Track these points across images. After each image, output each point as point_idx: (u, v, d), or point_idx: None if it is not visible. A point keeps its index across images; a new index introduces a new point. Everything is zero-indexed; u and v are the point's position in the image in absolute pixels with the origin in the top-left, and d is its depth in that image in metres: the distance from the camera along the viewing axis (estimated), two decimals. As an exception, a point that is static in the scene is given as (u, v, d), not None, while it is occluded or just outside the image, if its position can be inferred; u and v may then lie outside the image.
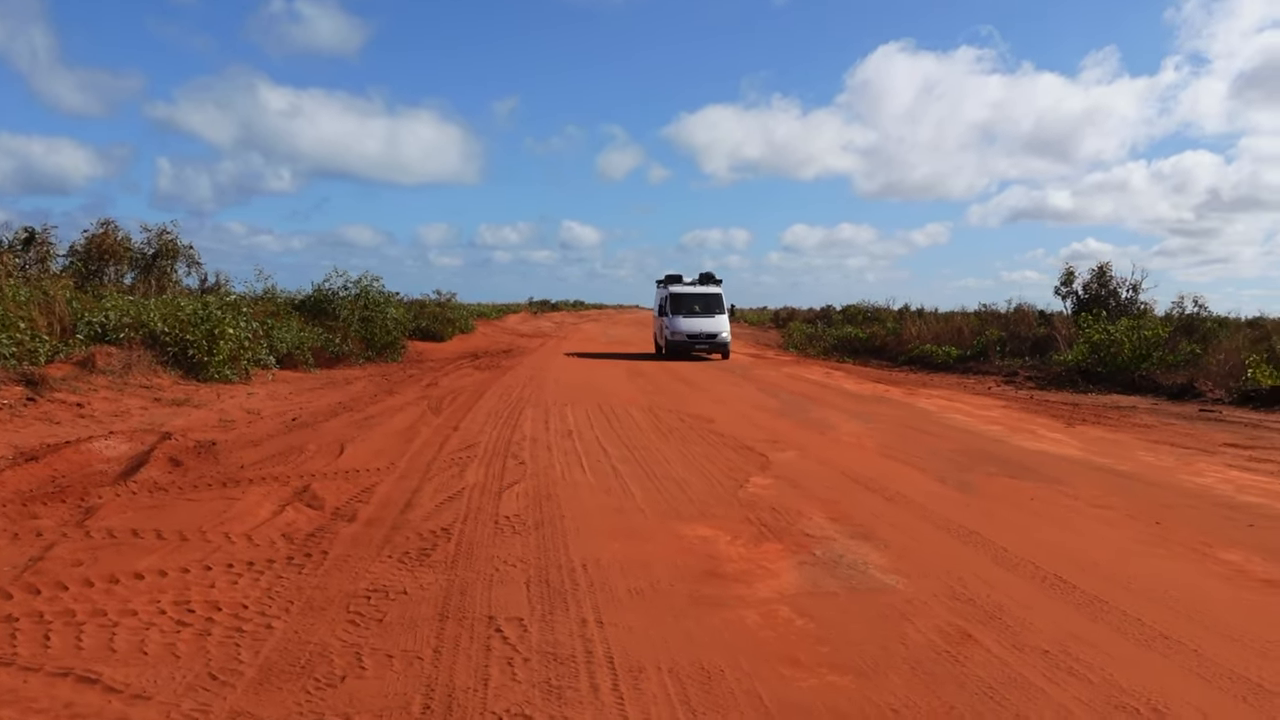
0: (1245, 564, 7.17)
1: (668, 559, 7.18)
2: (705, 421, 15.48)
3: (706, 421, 15.48)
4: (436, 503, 8.88)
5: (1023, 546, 7.64)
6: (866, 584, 6.63)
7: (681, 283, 34.50)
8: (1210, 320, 28.20)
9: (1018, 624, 5.83)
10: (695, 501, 9.28)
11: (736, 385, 22.68)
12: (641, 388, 21.67)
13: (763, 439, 13.51)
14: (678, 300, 33.41)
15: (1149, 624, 5.83)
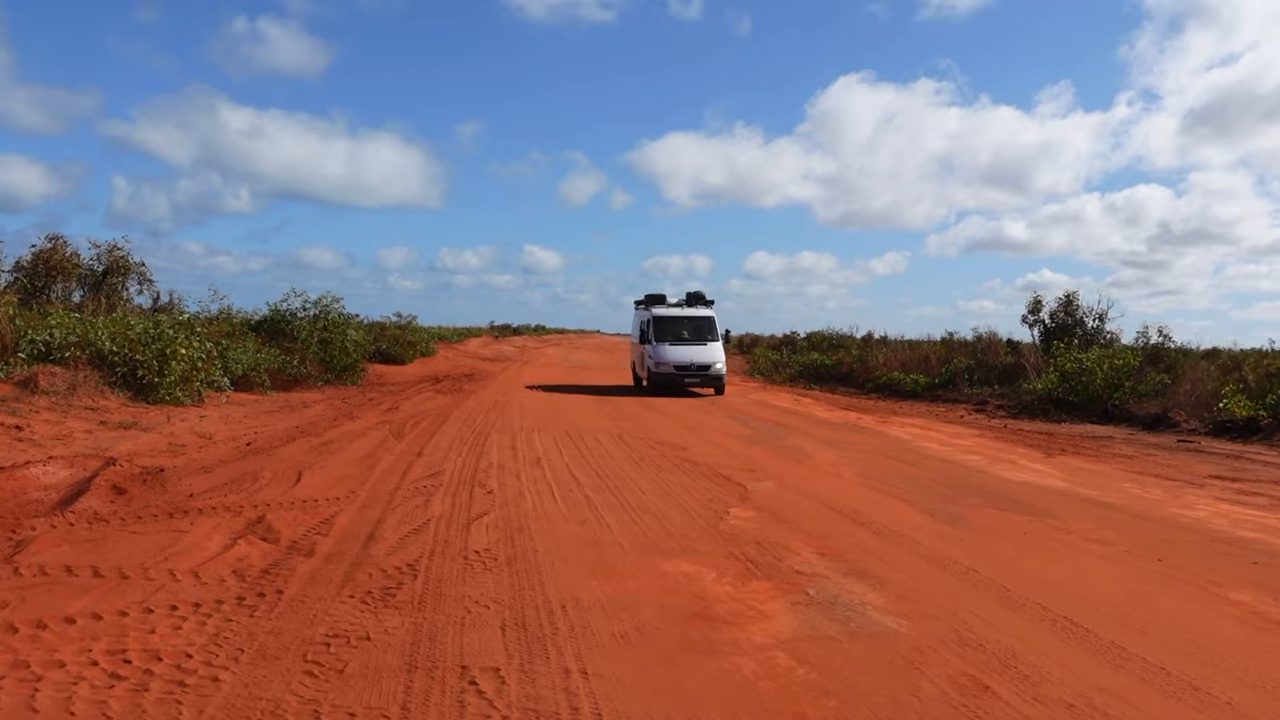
0: (1258, 605, 6.80)
1: (652, 599, 6.68)
2: (677, 449, 15.01)
3: (679, 449, 15.02)
4: (401, 535, 8.32)
5: (1025, 585, 7.22)
6: (867, 627, 6.17)
7: (666, 304, 29.66)
8: (1175, 350, 28.24)
9: (1035, 673, 5.39)
10: (675, 535, 8.79)
11: (706, 412, 22.25)
12: (609, 413, 21.18)
13: (738, 467, 13.06)
14: (663, 325, 28.15)
15: (1174, 673, 5.42)
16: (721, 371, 27.50)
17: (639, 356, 29.94)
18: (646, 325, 28.58)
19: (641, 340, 29.02)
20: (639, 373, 30.02)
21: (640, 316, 30.25)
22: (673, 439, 16.32)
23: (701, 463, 13.47)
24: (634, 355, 31.61)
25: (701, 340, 28.05)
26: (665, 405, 23.78)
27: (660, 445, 15.43)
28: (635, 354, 31.19)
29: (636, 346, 30.63)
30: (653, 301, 29.81)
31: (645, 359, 28.45)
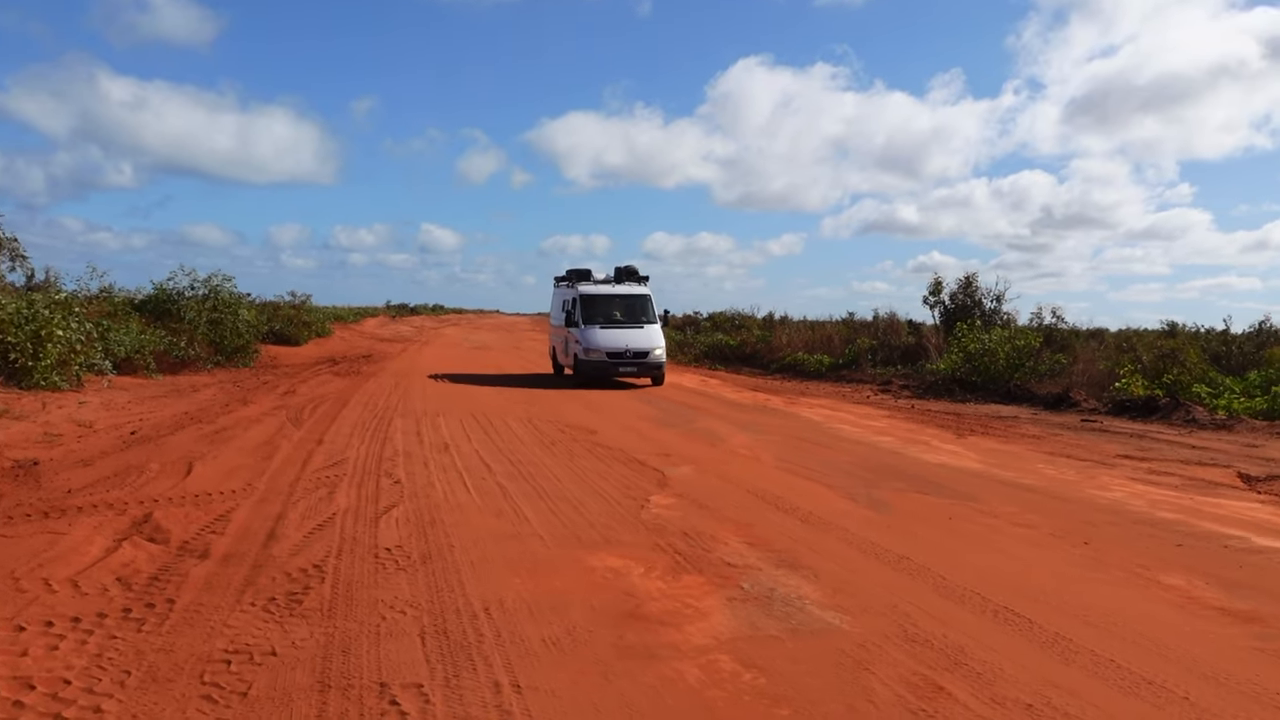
0: (1191, 590, 6.74)
1: (581, 598, 6.28)
2: (587, 432, 14.61)
3: (589, 432, 14.62)
4: (305, 532, 7.74)
5: (960, 574, 7.04)
6: (809, 624, 5.88)
7: (593, 280, 25.37)
8: (1067, 331, 28.93)
9: (987, 671, 5.17)
10: (596, 525, 8.41)
11: (613, 394, 21.88)
12: (515, 395, 20.64)
13: (653, 452, 12.73)
14: (591, 305, 24.07)
15: (1124, 666, 5.26)
16: (661, 359, 23.43)
17: (561, 341, 25.70)
18: (571, 305, 24.29)
19: (566, 323, 24.40)
20: (560, 360, 26.00)
21: (562, 295, 26.01)
22: (582, 422, 15.91)
23: (614, 447, 13.10)
24: (554, 340, 27.31)
25: (637, 323, 23.91)
26: (571, 386, 23.33)
27: (570, 428, 15.02)
28: (556, 339, 26.81)
29: (558, 330, 26.19)
30: (578, 277, 25.53)
31: (569, 345, 24.34)
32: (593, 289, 24.62)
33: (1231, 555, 7.66)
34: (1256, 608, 6.33)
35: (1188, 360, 19.18)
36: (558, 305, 26.46)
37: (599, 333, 23.39)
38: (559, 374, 26.51)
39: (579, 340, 23.48)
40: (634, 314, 24.28)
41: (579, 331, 23.61)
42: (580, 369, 23.38)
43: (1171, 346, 20.29)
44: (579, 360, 23.42)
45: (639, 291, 24.94)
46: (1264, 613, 6.22)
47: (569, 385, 23.41)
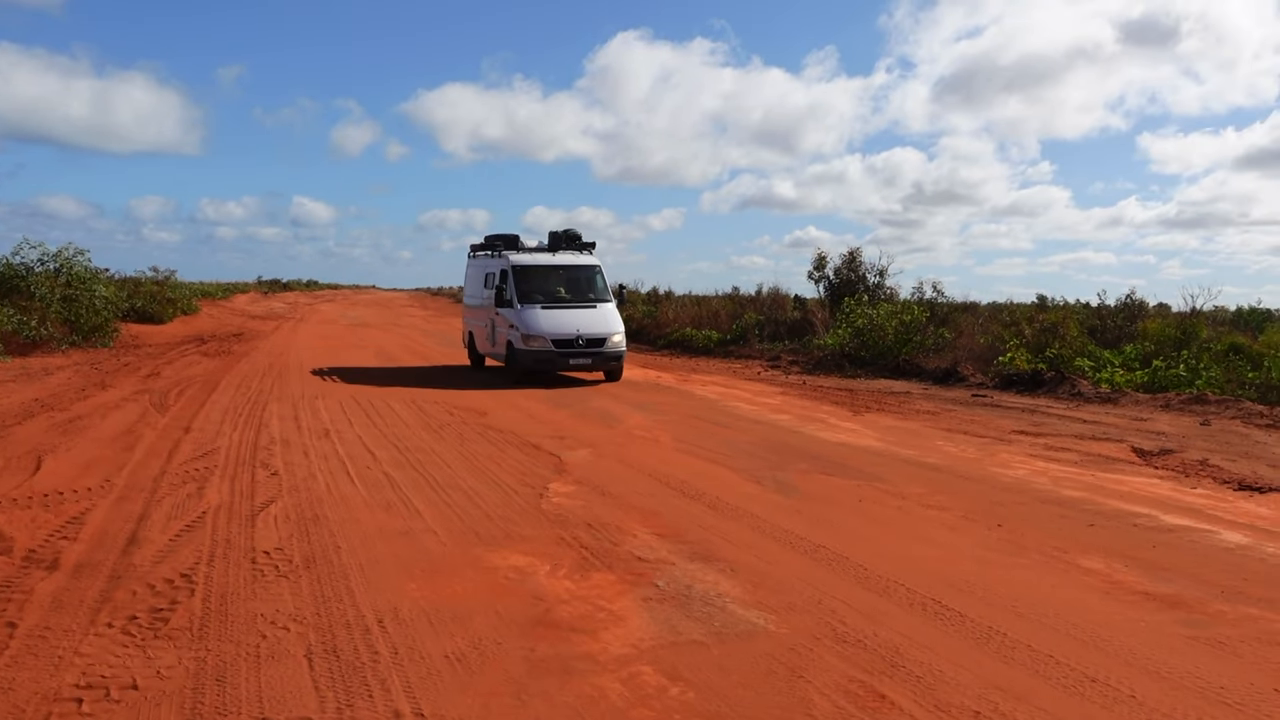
0: (1112, 573, 6.60)
1: (485, 603, 5.76)
2: (477, 414, 13.99)
3: (478, 414, 14.00)
4: (171, 535, 7.00)
5: (881, 563, 6.76)
6: (733, 626, 5.49)
7: (524, 249, 20.17)
8: (947, 305, 29.43)
9: (927, 673, 4.86)
10: (495, 518, 7.87)
11: (497, 371, 21.20)
12: (397, 374, 19.80)
13: (547, 435, 12.21)
14: (528, 279, 19.10)
15: (1064, 662, 5.01)
16: (621, 348, 18.70)
17: (483, 325, 20.57)
18: (500, 280, 19.27)
19: (497, 303, 19.03)
20: (483, 348, 20.93)
21: (483, 267, 21.18)
22: (470, 403, 15.26)
23: (506, 430, 12.54)
24: (471, 323, 22.16)
25: (586, 301, 19.11)
26: (446, 359, 22.51)
27: (458, 410, 14.37)
28: (475, 322, 21.65)
29: (478, 311, 21.19)
30: (506, 244, 20.35)
31: (497, 329, 19.46)
32: (528, 259, 19.54)
33: (1143, 534, 7.59)
34: (1179, 592, 6.21)
35: (1068, 334, 19.60)
36: (476, 279, 21.63)
37: (541, 314, 18.21)
38: (478, 366, 21.38)
39: (515, 324, 18.34)
40: (581, 290, 19.41)
41: (514, 313, 18.45)
42: (517, 360, 18.29)
43: (1053, 320, 20.72)
44: (515, 350, 18.32)
45: (586, 261, 20.03)
46: (1187, 597, 6.10)
47: (498, 383, 18.49)
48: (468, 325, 22.65)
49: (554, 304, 18.64)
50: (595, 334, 18.23)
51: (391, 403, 15.04)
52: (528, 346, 18.05)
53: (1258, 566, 6.75)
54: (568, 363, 18.10)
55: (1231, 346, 21.70)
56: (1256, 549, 7.16)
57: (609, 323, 18.66)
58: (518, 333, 18.22)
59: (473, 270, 22.33)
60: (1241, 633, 5.47)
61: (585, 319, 18.45)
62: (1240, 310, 38.92)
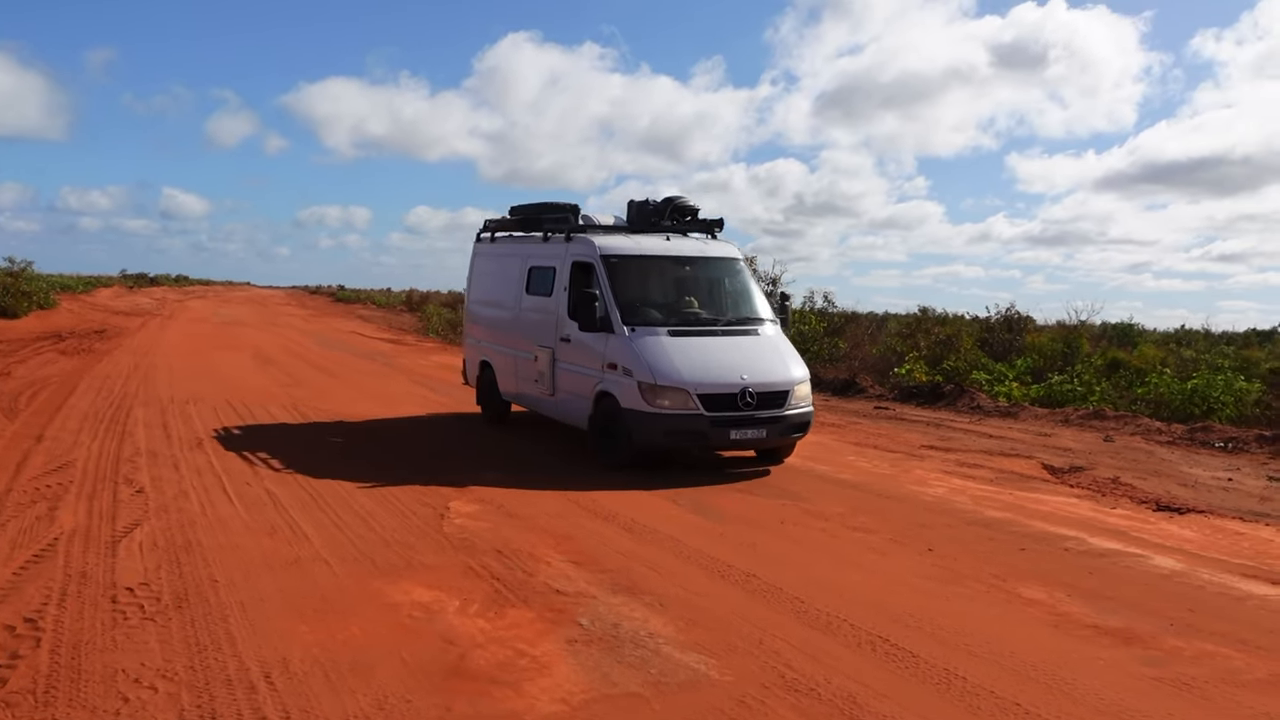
0: (1056, 604, 6.27)
1: (388, 649, 5.06)
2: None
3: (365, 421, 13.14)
4: (14, 568, 6.07)
5: (817, 594, 6.29)
6: (672, 674, 4.92)
7: (602, 229, 12.02)
8: (840, 315, 29.56)
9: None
10: (392, 543, 7.15)
11: (386, 375, 20.22)
12: (274, 377, 18.62)
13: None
14: (631, 279, 10.98)
15: (1034, 712, 4.60)
16: (809, 409, 10.69)
17: (528, 355, 12.03)
18: (575, 281, 11.15)
19: (582, 325, 10.68)
20: (519, 391, 12.60)
21: (518, 258, 12.80)
22: (358, 410, 14.35)
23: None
24: (491, 348, 13.38)
25: (739, 323, 11.04)
26: (335, 367, 21.34)
27: (345, 417, 13.46)
28: (502, 348, 12.97)
29: (510, 332, 12.76)
30: (547, 216, 12.20)
31: (563, 368, 11.28)
32: (627, 245, 11.26)
33: (1076, 560, 7.32)
34: (1129, 625, 5.90)
35: (963, 347, 19.73)
36: (501, 277, 13.19)
37: (672, 348, 10.18)
38: (497, 416, 13.37)
39: (619, 363, 10.24)
40: (722, 303, 11.33)
41: (619, 344, 10.30)
42: (630, 432, 10.07)
43: (948, 333, 20.85)
44: (627, 413, 10.03)
45: (722, 253, 11.74)
46: (1139, 631, 5.79)
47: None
48: (479, 350, 13.74)
49: (687, 328, 10.51)
50: (770, 383, 10.06)
51: (271, 408, 14.03)
52: (654, 406, 9.76)
53: (1198, 595, 6.52)
54: (727, 435, 9.89)
55: (1112, 361, 22.26)
56: (1192, 575, 6.95)
57: (786, 362, 10.50)
58: (628, 381, 9.97)
59: (492, 263, 13.58)
60: (1205, 672, 5.17)
61: (748, 356, 10.36)
62: (1105, 325, 40.40)
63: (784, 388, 10.20)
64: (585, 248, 11.14)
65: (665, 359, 9.98)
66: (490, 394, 13.41)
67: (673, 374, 9.87)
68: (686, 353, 10.14)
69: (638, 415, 9.91)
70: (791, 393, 10.22)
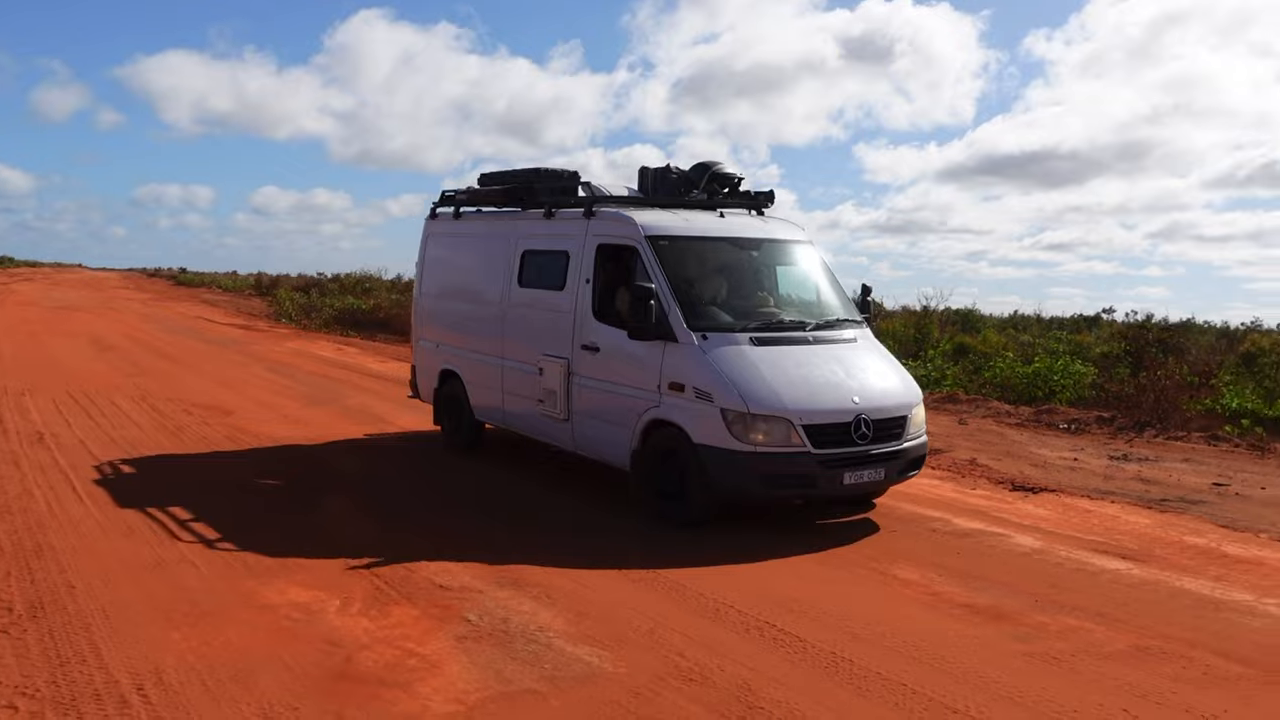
0: (930, 584, 6.49)
1: (269, 654, 4.85)
2: (221, 413, 12.56)
3: (222, 413, 12.57)
4: None
5: (700, 580, 6.34)
6: (567, 669, 4.88)
7: (617, 202, 9.03)
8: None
9: (786, 714, 4.45)
10: (264, 541, 6.85)
11: (240, 364, 19.36)
12: (117, 365, 17.59)
13: (307, 437, 11.08)
14: (690, 270, 8.24)
15: (920, 692, 4.75)
16: (925, 438, 8.31)
17: (524, 370, 9.27)
18: (591, 266, 8.63)
19: (634, 332, 7.80)
20: (505, 409, 9.77)
21: (502, 241, 10.00)
22: (211, 400, 13.72)
23: (259, 432, 11.28)
24: (458, 355, 10.59)
25: (829, 327, 8.39)
26: (182, 354, 20.23)
27: (198, 409, 12.85)
28: (477, 356, 10.18)
29: (489, 335, 9.94)
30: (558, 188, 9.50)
31: (583, 387, 8.53)
32: (678, 224, 8.55)
33: (944, 541, 7.59)
34: (997, 603, 6.15)
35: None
36: (470, 267, 10.62)
37: (762, 360, 7.64)
38: (464, 440, 10.58)
39: (697, 383, 7.53)
40: (800, 298, 8.99)
41: (688, 356, 7.64)
42: (716, 475, 7.41)
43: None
44: (708, 453, 7.38)
45: (788, 235, 9.27)
46: (1007, 608, 6.04)
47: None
48: (438, 356, 10.93)
49: (772, 334, 7.98)
50: (886, 407, 7.78)
51: (116, 399, 13.27)
52: (745, 443, 7.28)
53: (1058, 571, 6.85)
54: (840, 480, 7.47)
55: (960, 346, 23.21)
56: (1050, 553, 7.30)
57: (898, 378, 8.32)
58: (705, 408, 7.43)
59: (459, 246, 11.01)
60: (1071, 646, 5.43)
61: (852, 371, 7.93)
62: (949, 310, 42.19)
63: (902, 412, 7.85)
64: (621, 226, 8.43)
65: (757, 378, 7.42)
66: (456, 412, 10.58)
67: (770, 399, 7.31)
68: (781, 368, 7.59)
69: (720, 455, 7.30)
70: (910, 419, 7.92)
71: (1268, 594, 6.39)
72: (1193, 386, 15.07)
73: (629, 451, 8.01)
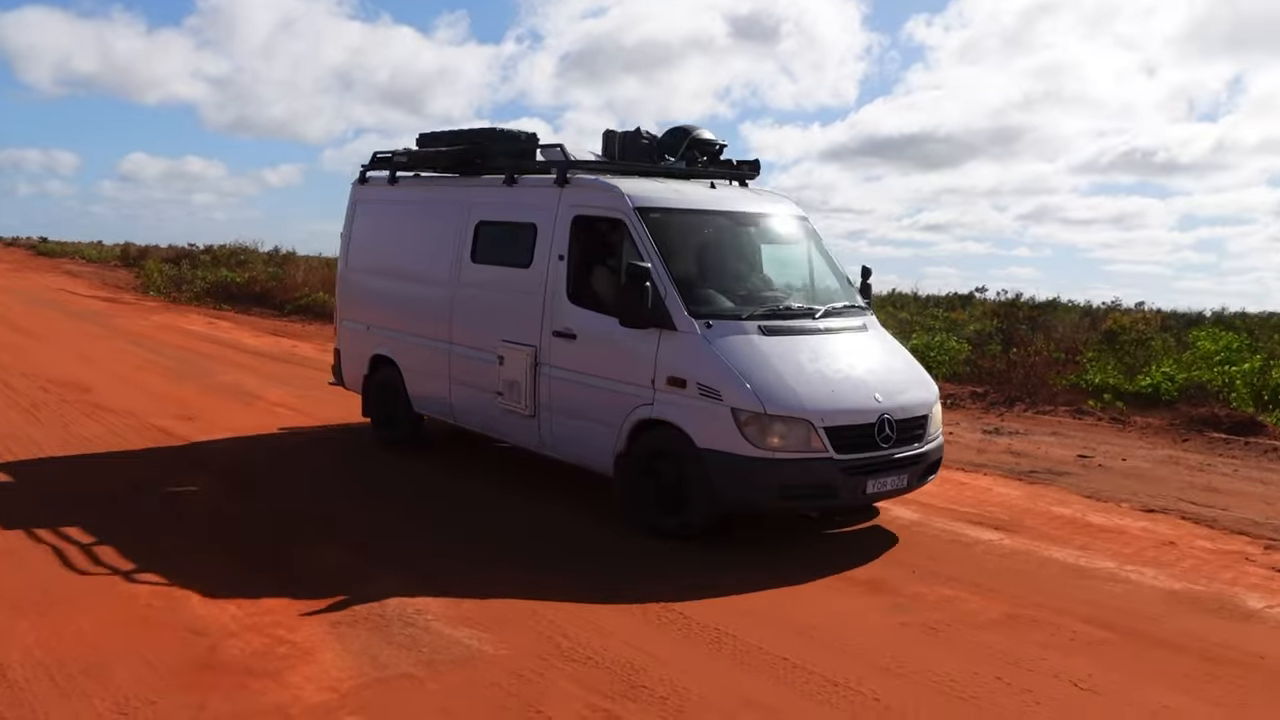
0: (809, 559, 6.55)
1: (126, 646, 4.59)
2: (81, 390, 11.91)
3: (83, 390, 11.92)
4: None
5: (574, 559, 6.28)
6: (446, 652, 4.74)
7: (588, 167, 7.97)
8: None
9: (672, 693, 4.41)
10: (124, 519, 6.50)
11: (102, 338, 18.41)
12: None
13: (174, 415, 10.58)
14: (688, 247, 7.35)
15: (802, 666, 4.75)
16: (941, 438, 7.54)
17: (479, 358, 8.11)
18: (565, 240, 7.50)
19: (626, 318, 6.78)
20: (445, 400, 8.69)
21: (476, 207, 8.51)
22: (70, 376, 12.99)
23: (121, 410, 10.72)
24: (390, 338, 9.35)
25: (839, 312, 7.48)
26: (36, 327, 19.09)
27: (56, 385, 12.16)
28: (411, 339, 9.03)
29: (441, 321, 8.60)
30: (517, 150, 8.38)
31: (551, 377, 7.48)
32: (664, 194, 7.51)
33: (825, 515, 7.69)
34: (876, 575, 6.21)
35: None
36: (411, 238, 9.29)
37: (776, 353, 6.71)
38: (397, 433, 9.40)
39: (701, 378, 6.53)
40: (802, 281, 7.92)
41: (690, 346, 6.65)
42: (722, 484, 6.46)
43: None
44: (715, 459, 6.42)
45: (788, 210, 8.36)
46: (886, 580, 6.12)
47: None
48: (370, 340, 9.66)
49: (781, 322, 7.05)
50: (908, 405, 7.00)
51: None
52: (760, 448, 6.37)
53: (934, 543, 6.98)
54: (863, 489, 6.69)
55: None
56: (928, 525, 7.44)
57: (916, 372, 7.62)
58: (713, 407, 6.48)
59: (397, 214, 9.71)
60: (947, 616, 5.54)
61: (870, 364, 7.23)
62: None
63: (924, 410, 7.10)
64: (604, 196, 7.35)
65: (771, 373, 6.51)
66: (390, 402, 9.36)
67: (788, 397, 6.42)
68: (796, 362, 6.70)
69: (730, 461, 6.38)
70: (930, 418, 7.17)
71: (1128, 561, 6.65)
72: (1059, 363, 15.67)
73: (612, 454, 6.99)
